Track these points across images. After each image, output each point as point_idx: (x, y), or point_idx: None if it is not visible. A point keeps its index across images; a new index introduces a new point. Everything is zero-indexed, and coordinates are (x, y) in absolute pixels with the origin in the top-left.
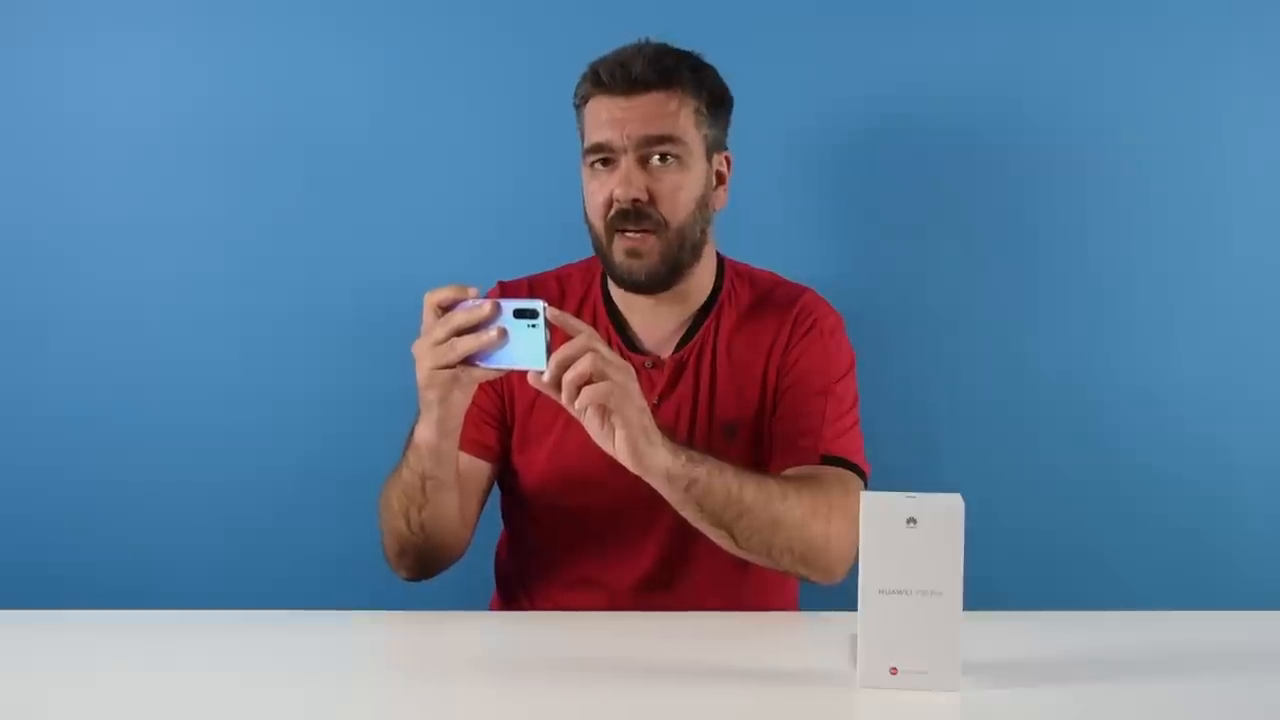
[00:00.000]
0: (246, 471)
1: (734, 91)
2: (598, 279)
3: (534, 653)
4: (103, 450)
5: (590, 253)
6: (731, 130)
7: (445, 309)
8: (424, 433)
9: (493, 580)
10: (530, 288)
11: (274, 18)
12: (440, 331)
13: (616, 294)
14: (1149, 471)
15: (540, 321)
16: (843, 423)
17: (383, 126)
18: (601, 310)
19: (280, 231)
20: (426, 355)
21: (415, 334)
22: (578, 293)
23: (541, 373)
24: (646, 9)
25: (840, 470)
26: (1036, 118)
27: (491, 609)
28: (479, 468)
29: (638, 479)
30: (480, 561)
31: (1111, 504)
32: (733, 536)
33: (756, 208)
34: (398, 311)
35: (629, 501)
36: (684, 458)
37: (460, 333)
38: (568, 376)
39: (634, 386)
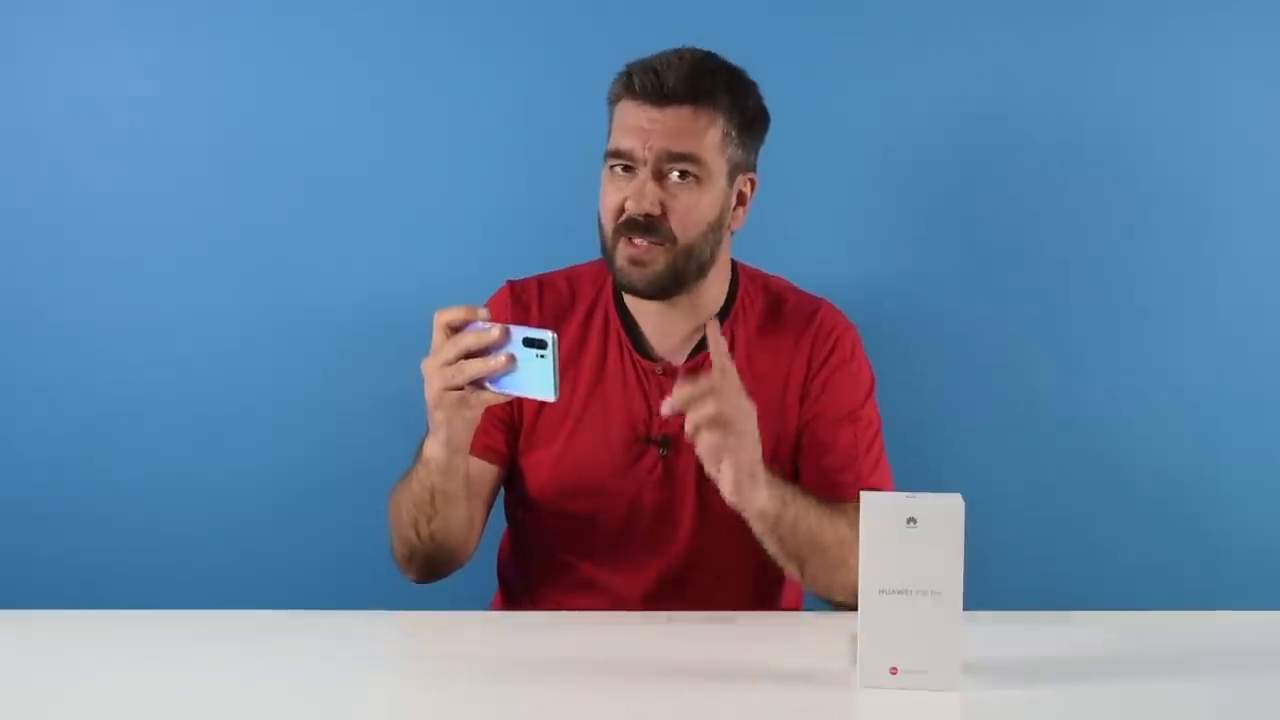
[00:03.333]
0: (247, 472)
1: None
2: (609, 282)
3: (534, 653)
4: (103, 451)
5: (591, 253)
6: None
7: (455, 329)
8: (433, 449)
9: (495, 580)
10: (540, 287)
11: (278, 17)
12: (449, 353)
13: (629, 298)
14: (1149, 471)
15: (549, 353)
16: (874, 451)
17: (388, 126)
18: (614, 314)
19: (283, 232)
20: (435, 375)
21: (420, 335)
22: (588, 295)
23: (551, 402)
24: (655, 13)
25: None
26: (1038, 120)
27: (493, 609)
28: (487, 471)
29: (643, 489)
30: (482, 561)
31: (1111, 504)
32: (801, 570)
33: (761, 211)
34: (403, 313)
35: (634, 510)
36: (780, 499)
37: (469, 355)
38: (693, 417)
39: (751, 429)
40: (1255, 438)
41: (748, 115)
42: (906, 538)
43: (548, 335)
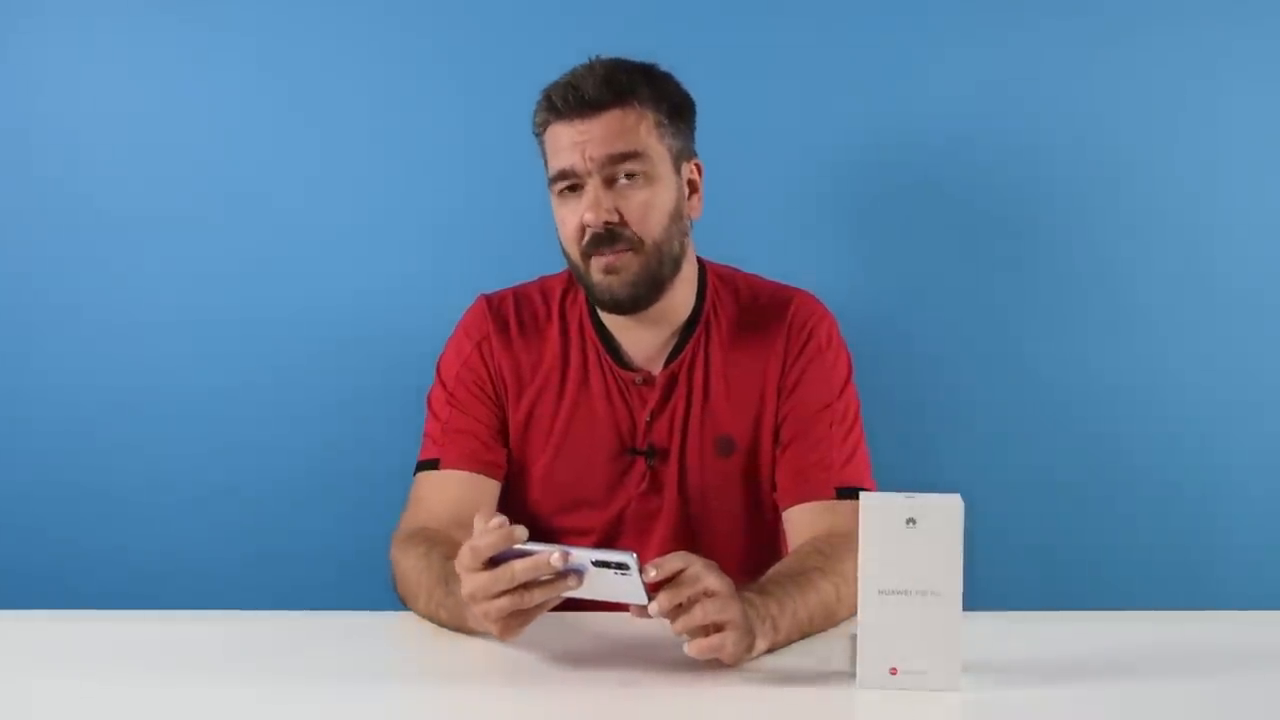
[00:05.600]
0: (248, 473)
1: (732, 97)
2: (582, 295)
3: (534, 653)
4: (103, 451)
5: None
6: (731, 137)
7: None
8: (479, 629)
9: None
10: (515, 300)
11: (275, 19)
12: (503, 585)
13: (602, 313)
14: (1148, 472)
15: (634, 572)
16: (850, 441)
17: (384, 131)
18: (589, 327)
19: (278, 235)
20: (492, 606)
21: (413, 336)
22: (560, 308)
23: (644, 608)
24: (643, 17)
25: (855, 506)
26: (1036, 119)
27: None
28: (493, 487)
29: (632, 499)
30: None
31: (1111, 504)
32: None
33: (757, 212)
34: (403, 313)
35: (625, 522)
36: (770, 630)
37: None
38: (679, 626)
39: (737, 608)
40: (1255, 438)
41: (674, 101)
42: (906, 538)
43: (629, 558)
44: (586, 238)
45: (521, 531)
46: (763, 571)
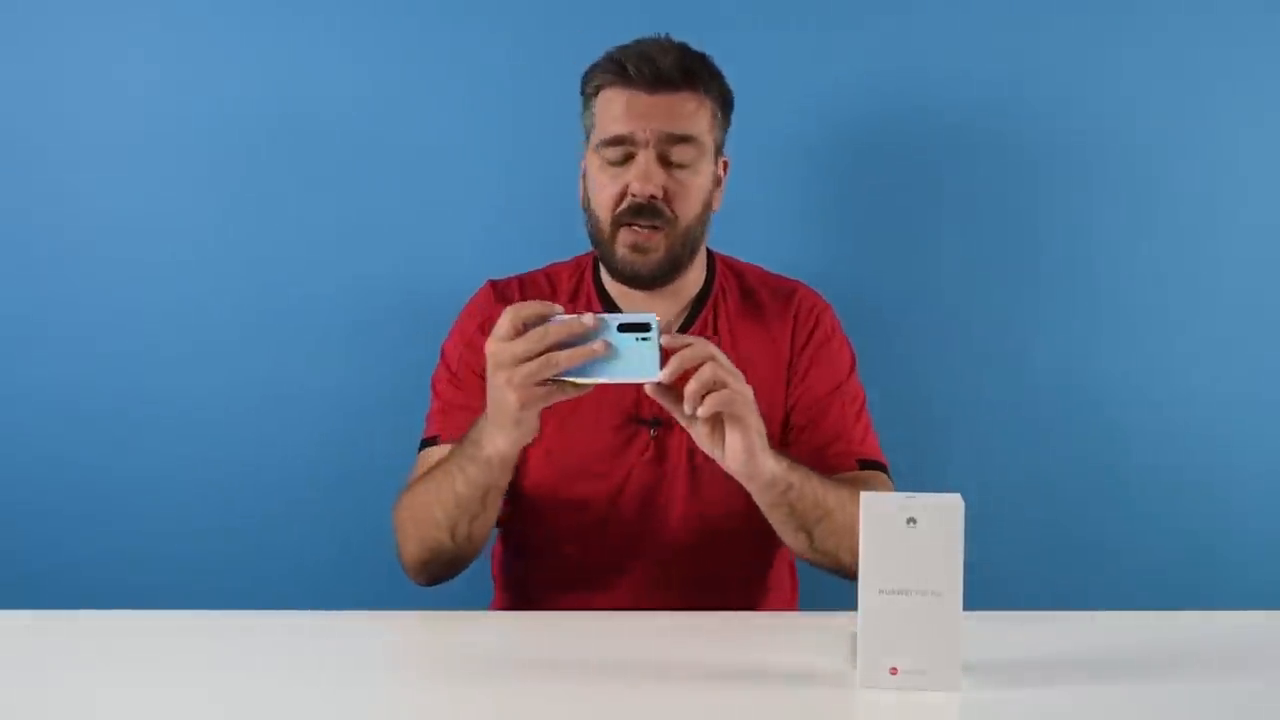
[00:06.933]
0: (246, 472)
1: (733, 85)
2: (589, 274)
3: (534, 653)
4: (102, 450)
5: (579, 249)
6: (732, 127)
7: (527, 326)
8: (500, 446)
9: (492, 580)
10: (521, 284)
11: (271, 15)
12: (533, 346)
13: (611, 287)
14: (1149, 471)
15: (654, 335)
16: (863, 420)
17: (377, 124)
18: (596, 303)
19: (276, 230)
20: (516, 372)
21: (413, 333)
22: (568, 289)
23: (656, 383)
24: (645, 5)
25: (879, 474)
26: (1038, 115)
27: (491, 610)
28: None
29: (634, 469)
30: (480, 561)
31: (1111, 504)
32: (810, 538)
33: (757, 204)
34: (401, 310)
35: (624, 491)
36: (785, 464)
37: (554, 348)
38: (691, 386)
39: (750, 393)
40: (1255, 438)
41: (726, 96)
42: (906, 538)
43: (650, 318)
44: (624, 205)
45: (559, 307)
46: (767, 540)
